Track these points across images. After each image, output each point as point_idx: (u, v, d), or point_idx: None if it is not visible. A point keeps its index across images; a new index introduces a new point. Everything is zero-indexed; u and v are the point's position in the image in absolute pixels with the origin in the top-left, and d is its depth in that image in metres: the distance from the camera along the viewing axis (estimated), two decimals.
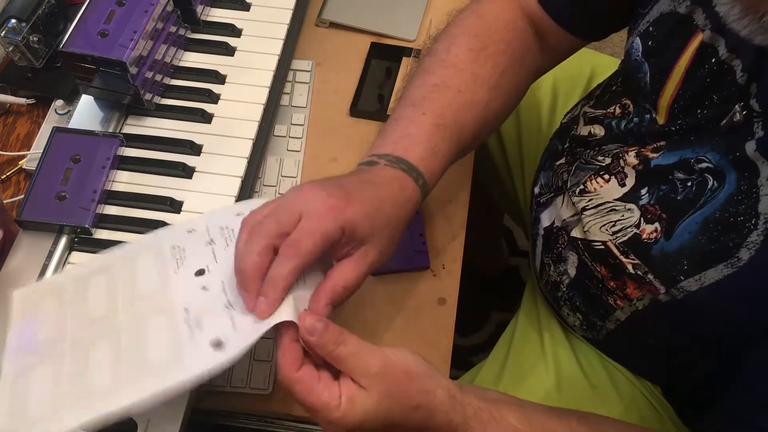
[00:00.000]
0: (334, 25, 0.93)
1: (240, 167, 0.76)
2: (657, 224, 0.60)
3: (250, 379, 0.69)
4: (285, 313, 0.52)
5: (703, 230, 0.56)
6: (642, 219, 0.62)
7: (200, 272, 0.60)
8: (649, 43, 0.63)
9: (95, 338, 0.56)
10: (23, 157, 0.81)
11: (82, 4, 0.75)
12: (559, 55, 0.77)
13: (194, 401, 0.64)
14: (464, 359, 1.41)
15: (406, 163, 0.60)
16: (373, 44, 0.91)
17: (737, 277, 0.54)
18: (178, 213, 0.72)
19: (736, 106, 0.55)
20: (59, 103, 0.84)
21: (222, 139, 0.77)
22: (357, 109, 0.86)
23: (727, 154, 0.55)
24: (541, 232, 0.76)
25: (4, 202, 0.77)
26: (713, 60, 0.57)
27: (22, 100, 0.85)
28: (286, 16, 0.87)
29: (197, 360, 0.51)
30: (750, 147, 0.53)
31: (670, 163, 0.61)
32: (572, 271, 0.71)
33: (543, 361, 0.79)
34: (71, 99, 0.84)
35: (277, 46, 0.85)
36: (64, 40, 0.72)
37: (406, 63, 0.90)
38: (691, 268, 0.57)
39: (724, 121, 0.56)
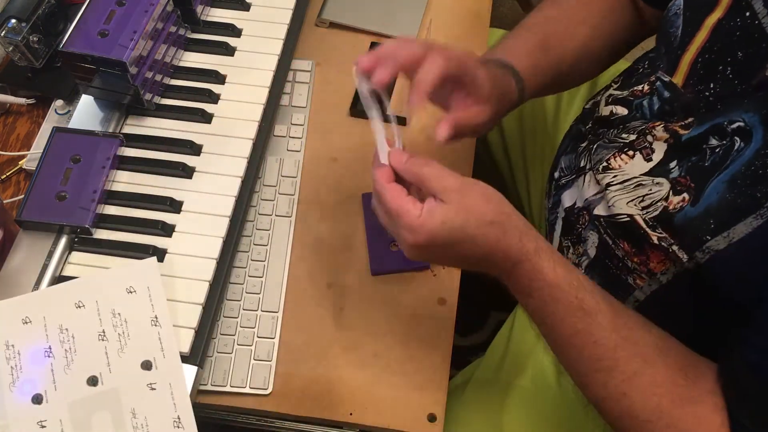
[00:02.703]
0: (334, 25, 0.93)
1: (240, 167, 0.76)
2: (685, 194, 0.60)
3: (250, 379, 0.69)
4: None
5: (731, 188, 0.56)
6: (671, 191, 0.62)
7: (147, 365, 0.62)
8: None
9: None
10: (23, 157, 0.81)
11: (82, 4, 0.75)
12: (641, 28, 0.79)
13: (194, 401, 0.64)
14: (464, 359, 1.40)
15: (509, 66, 0.70)
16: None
17: (766, 226, 0.53)
18: (178, 213, 0.72)
19: (765, 64, 0.55)
20: (59, 103, 0.84)
21: (222, 139, 0.77)
22: (357, 109, 0.86)
23: (759, 110, 0.56)
24: (561, 214, 0.76)
25: (4, 202, 0.77)
26: (747, 14, 0.57)
27: (22, 100, 0.85)
28: (286, 16, 0.87)
29: None
30: None
31: (701, 132, 0.60)
32: (592, 252, 0.70)
33: (543, 350, 0.79)
34: (71, 99, 0.84)
35: (277, 46, 0.85)
36: (64, 40, 0.72)
37: None
38: (718, 226, 0.56)
39: (756, 80, 0.56)
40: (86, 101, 0.79)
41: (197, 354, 0.66)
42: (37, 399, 0.60)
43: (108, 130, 0.76)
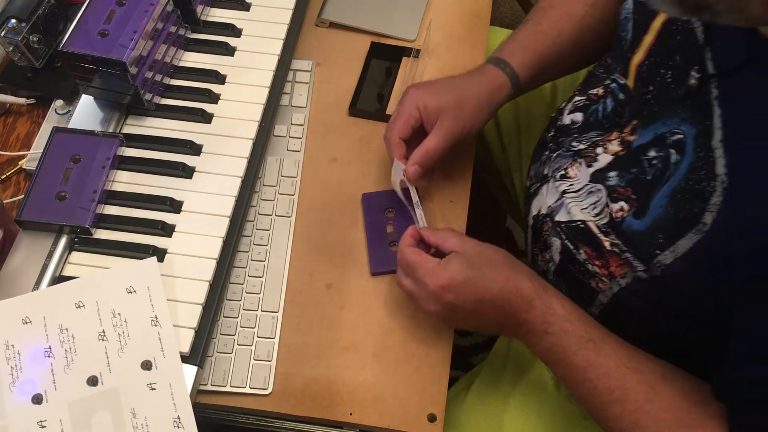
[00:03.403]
0: (334, 25, 0.93)
1: (240, 167, 0.76)
2: (623, 203, 0.62)
3: (250, 379, 0.69)
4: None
5: (672, 202, 0.57)
6: (609, 198, 0.64)
7: (147, 365, 0.62)
8: None
9: None
10: (23, 157, 0.81)
11: (82, 4, 0.75)
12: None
13: (194, 401, 0.64)
14: (464, 359, 1.41)
15: (497, 59, 0.78)
16: (373, 44, 0.91)
17: (704, 241, 0.55)
18: (178, 213, 0.72)
19: (692, 71, 0.57)
20: (59, 103, 0.84)
21: (222, 139, 0.77)
22: (356, 109, 0.86)
23: (694, 121, 0.57)
24: (531, 222, 0.77)
25: (4, 202, 0.77)
26: (686, 18, 0.59)
27: (22, 100, 0.85)
28: (286, 16, 0.87)
29: None
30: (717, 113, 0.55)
31: (647, 141, 0.62)
32: (557, 257, 0.72)
33: None
34: (71, 99, 0.84)
35: (277, 46, 0.85)
36: (64, 40, 0.72)
37: (405, 63, 0.90)
38: (666, 241, 0.58)
39: (683, 88, 0.58)
40: (86, 101, 0.79)
41: (197, 354, 0.66)
42: (37, 399, 0.60)
43: (108, 130, 0.76)
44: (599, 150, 0.68)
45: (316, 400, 0.69)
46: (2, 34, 0.77)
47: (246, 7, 0.88)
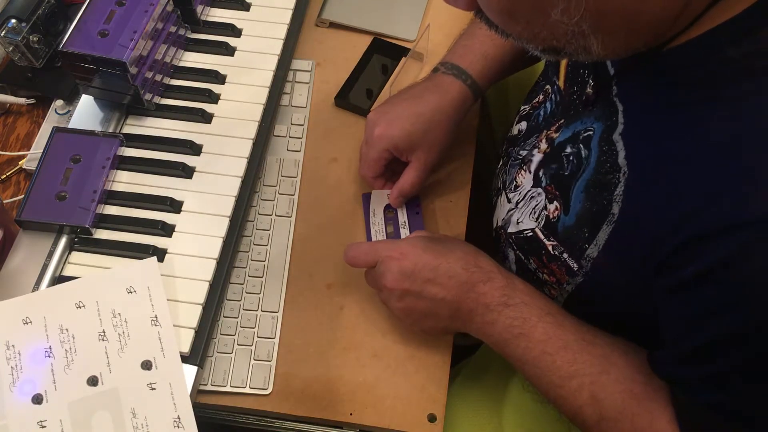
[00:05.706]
0: (334, 25, 0.93)
1: (240, 167, 0.76)
2: (556, 202, 0.64)
3: (250, 379, 0.69)
4: None
5: (587, 196, 0.59)
6: (546, 200, 0.65)
7: (147, 365, 0.62)
8: None
9: None
10: (23, 157, 0.81)
11: (82, 4, 0.75)
12: None
13: (194, 401, 0.64)
14: (464, 359, 1.40)
15: (458, 68, 0.77)
16: (375, 39, 0.91)
17: (615, 232, 0.56)
18: (178, 213, 0.72)
19: (589, 80, 0.59)
20: (59, 103, 0.84)
21: (222, 139, 0.77)
22: (343, 100, 0.85)
23: (605, 121, 0.59)
24: (493, 234, 0.78)
25: (4, 202, 0.77)
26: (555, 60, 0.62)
27: (22, 100, 0.85)
28: (286, 16, 0.87)
29: None
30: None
31: (565, 139, 0.64)
32: (514, 268, 0.72)
33: None
34: (71, 99, 0.84)
35: (277, 46, 0.85)
36: (64, 40, 0.72)
37: (402, 63, 0.90)
38: (590, 234, 0.59)
39: (584, 96, 0.60)
40: (86, 101, 0.79)
41: (197, 354, 0.66)
42: (37, 399, 0.60)
43: (108, 130, 0.77)
44: (534, 151, 0.70)
45: (316, 400, 0.69)
46: (2, 34, 0.77)
47: (246, 7, 0.88)
